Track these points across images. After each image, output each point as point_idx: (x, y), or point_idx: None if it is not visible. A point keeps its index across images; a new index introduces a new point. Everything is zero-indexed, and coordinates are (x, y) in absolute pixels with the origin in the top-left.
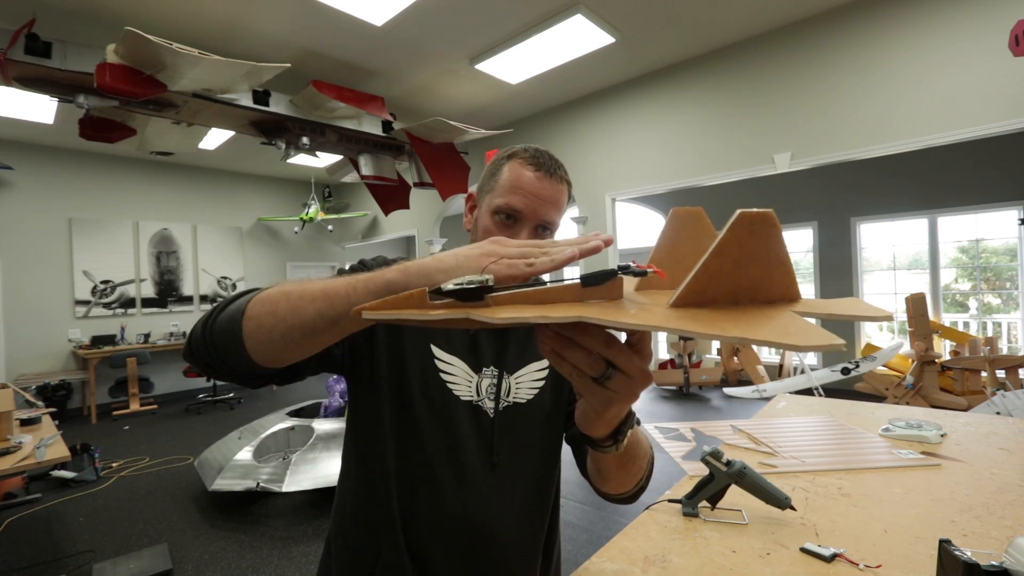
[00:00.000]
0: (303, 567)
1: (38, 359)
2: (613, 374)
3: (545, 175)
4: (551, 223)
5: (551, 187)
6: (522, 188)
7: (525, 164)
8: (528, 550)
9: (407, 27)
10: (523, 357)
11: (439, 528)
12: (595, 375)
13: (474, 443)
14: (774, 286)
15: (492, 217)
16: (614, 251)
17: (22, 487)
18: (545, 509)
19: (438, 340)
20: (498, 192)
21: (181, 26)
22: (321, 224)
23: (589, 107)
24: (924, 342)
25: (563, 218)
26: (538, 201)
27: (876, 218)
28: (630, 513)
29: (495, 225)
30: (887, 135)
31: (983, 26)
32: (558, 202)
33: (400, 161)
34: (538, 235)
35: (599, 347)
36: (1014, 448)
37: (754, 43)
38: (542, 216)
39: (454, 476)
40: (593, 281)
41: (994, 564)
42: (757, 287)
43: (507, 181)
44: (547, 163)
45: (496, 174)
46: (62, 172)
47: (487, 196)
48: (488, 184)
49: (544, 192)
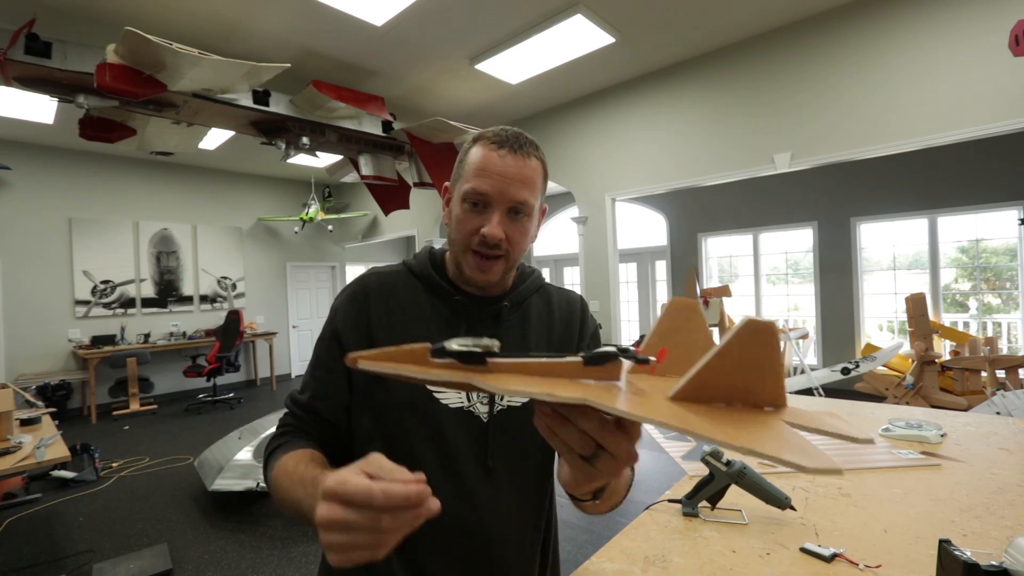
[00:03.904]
0: (303, 567)
1: (38, 359)
2: (601, 454)
3: (510, 152)
4: (523, 203)
5: (519, 163)
6: (487, 169)
7: (489, 144)
8: (527, 554)
9: (407, 27)
10: None
11: (436, 538)
12: (584, 454)
13: (468, 450)
14: (765, 391)
15: (461, 204)
16: (614, 251)
17: (22, 487)
18: (542, 511)
19: None
20: (465, 177)
21: (181, 26)
22: (321, 224)
23: (589, 107)
24: (924, 342)
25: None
26: (505, 181)
27: (876, 218)
28: (630, 513)
29: (465, 213)
30: (887, 135)
31: (983, 26)
32: (529, 180)
33: (400, 161)
34: (511, 218)
35: (593, 429)
36: (1014, 448)
37: (754, 43)
38: (512, 196)
39: (450, 485)
40: (595, 361)
41: (994, 564)
42: (750, 390)
43: (472, 165)
44: (512, 140)
45: (463, 160)
46: (62, 172)
47: (457, 184)
48: (457, 171)
49: (510, 170)
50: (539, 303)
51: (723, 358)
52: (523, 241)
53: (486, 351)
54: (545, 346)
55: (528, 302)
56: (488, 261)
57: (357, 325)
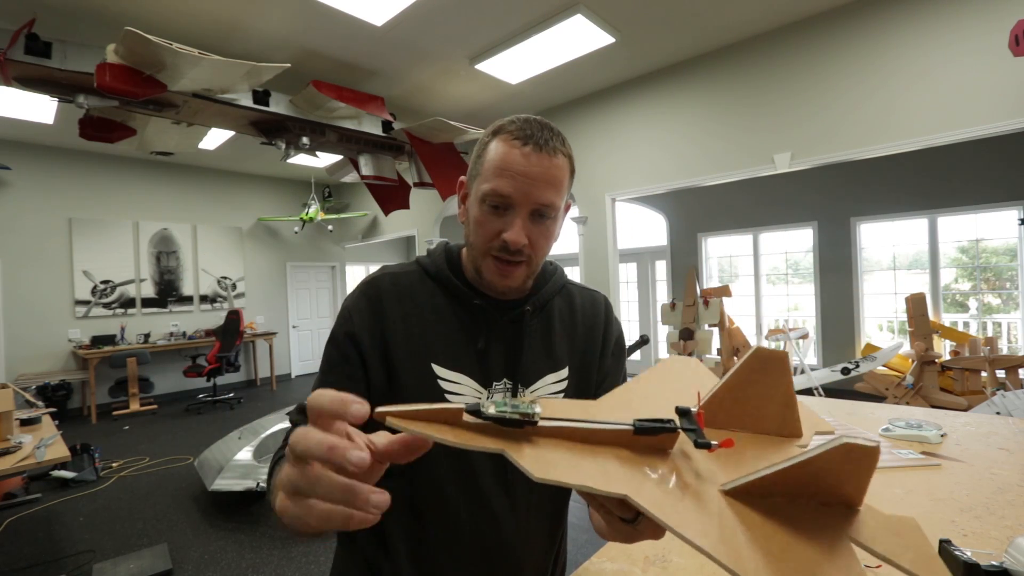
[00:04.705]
0: (303, 567)
1: (38, 359)
2: (642, 518)
3: (534, 149)
4: (548, 205)
5: (544, 163)
6: (510, 168)
7: (511, 140)
8: (541, 563)
9: (407, 27)
10: (538, 368)
11: (452, 550)
12: (626, 518)
13: (486, 462)
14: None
15: (481, 206)
16: (614, 251)
17: (22, 487)
18: (559, 522)
19: (440, 358)
20: (484, 176)
21: (181, 26)
22: (321, 224)
23: (589, 107)
24: (924, 342)
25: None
26: (529, 182)
27: (876, 218)
28: None
29: (484, 215)
30: (887, 135)
31: (983, 26)
32: (555, 180)
33: (400, 161)
34: (534, 221)
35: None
36: (1014, 448)
37: (754, 43)
38: (536, 199)
39: (468, 498)
40: (647, 432)
41: (994, 564)
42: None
43: (493, 162)
44: (537, 135)
45: (482, 155)
46: (62, 172)
47: (475, 182)
48: (475, 168)
49: (535, 170)
50: (562, 305)
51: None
52: (546, 244)
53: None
54: (567, 351)
55: (551, 304)
56: (509, 267)
57: (372, 329)
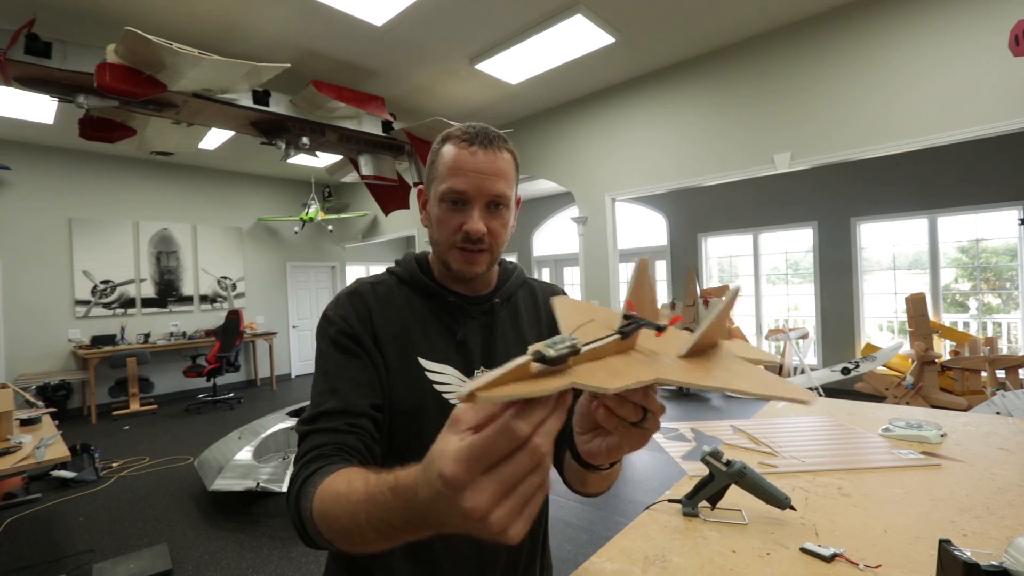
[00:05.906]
0: (303, 567)
1: (38, 359)
2: (648, 416)
3: (481, 148)
4: (501, 196)
5: (491, 159)
6: (462, 167)
7: (459, 142)
8: (532, 546)
9: (407, 27)
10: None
11: (448, 539)
12: (635, 420)
13: None
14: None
15: (441, 205)
16: (614, 251)
17: (22, 487)
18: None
19: (424, 353)
20: (440, 178)
21: (181, 26)
22: (321, 224)
23: (589, 107)
24: (924, 342)
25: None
26: (481, 177)
27: (876, 218)
28: (630, 513)
29: (445, 212)
30: (887, 135)
31: (983, 26)
32: (503, 172)
33: (400, 161)
34: (490, 212)
35: (640, 397)
36: (1014, 448)
37: (754, 43)
38: (489, 191)
39: None
40: (627, 334)
41: (994, 564)
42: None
43: (446, 164)
44: (482, 135)
45: (435, 161)
46: (62, 172)
47: (432, 185)
48: (431, 173)
49: (484, 166)
50: (525, 297)
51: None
52: (504, 233)
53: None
54: (536, 336)
55: (516, 297)
56: (473, 255)
57: (366, 329)
